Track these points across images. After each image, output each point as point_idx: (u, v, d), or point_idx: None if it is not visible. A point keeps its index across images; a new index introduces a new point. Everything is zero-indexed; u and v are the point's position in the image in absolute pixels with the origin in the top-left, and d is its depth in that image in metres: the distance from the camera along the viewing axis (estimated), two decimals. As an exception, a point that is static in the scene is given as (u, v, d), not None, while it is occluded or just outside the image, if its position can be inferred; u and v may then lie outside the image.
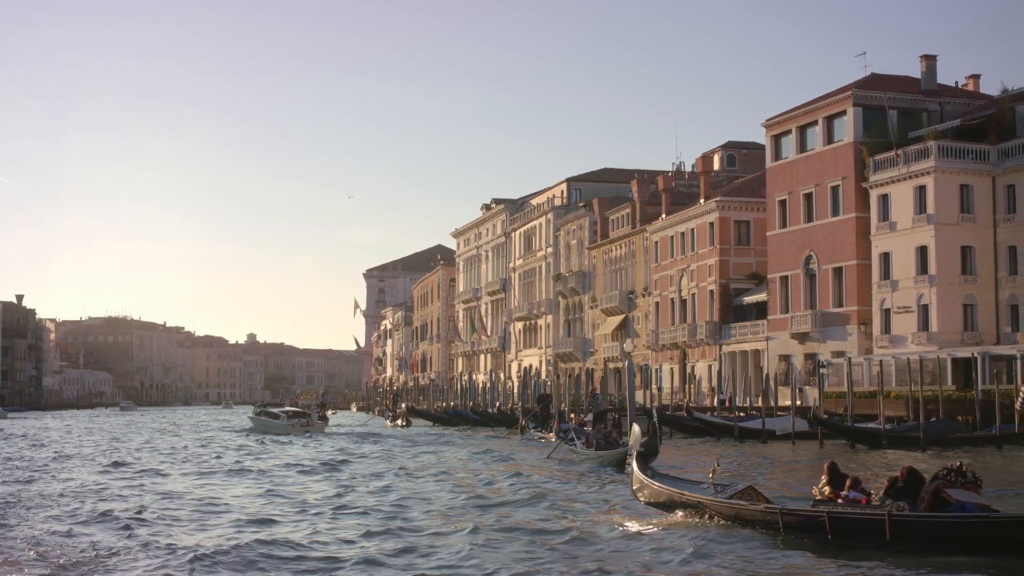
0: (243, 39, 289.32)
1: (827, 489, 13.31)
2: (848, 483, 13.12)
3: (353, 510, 19.89)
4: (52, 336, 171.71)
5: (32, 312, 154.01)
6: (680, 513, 15.16)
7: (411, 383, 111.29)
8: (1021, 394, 12.36)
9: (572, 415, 47.59)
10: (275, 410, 60.45)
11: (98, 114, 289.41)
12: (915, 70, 54.77)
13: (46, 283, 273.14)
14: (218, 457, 36.20)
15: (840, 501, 13.02)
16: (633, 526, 15.78)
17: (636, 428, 18.91)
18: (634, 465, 16.68)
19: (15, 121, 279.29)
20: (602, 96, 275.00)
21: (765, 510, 13.45)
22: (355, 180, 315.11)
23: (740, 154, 79.03)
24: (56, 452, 39.59)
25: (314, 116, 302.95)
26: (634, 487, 16.60)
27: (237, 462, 33.25)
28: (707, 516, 14.65)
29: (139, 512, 19.04)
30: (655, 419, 25.59)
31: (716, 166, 78.19)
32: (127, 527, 16.90)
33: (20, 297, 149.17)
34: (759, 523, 13.55)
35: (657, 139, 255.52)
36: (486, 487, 24.34)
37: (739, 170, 75.88)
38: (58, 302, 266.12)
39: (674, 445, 39.18)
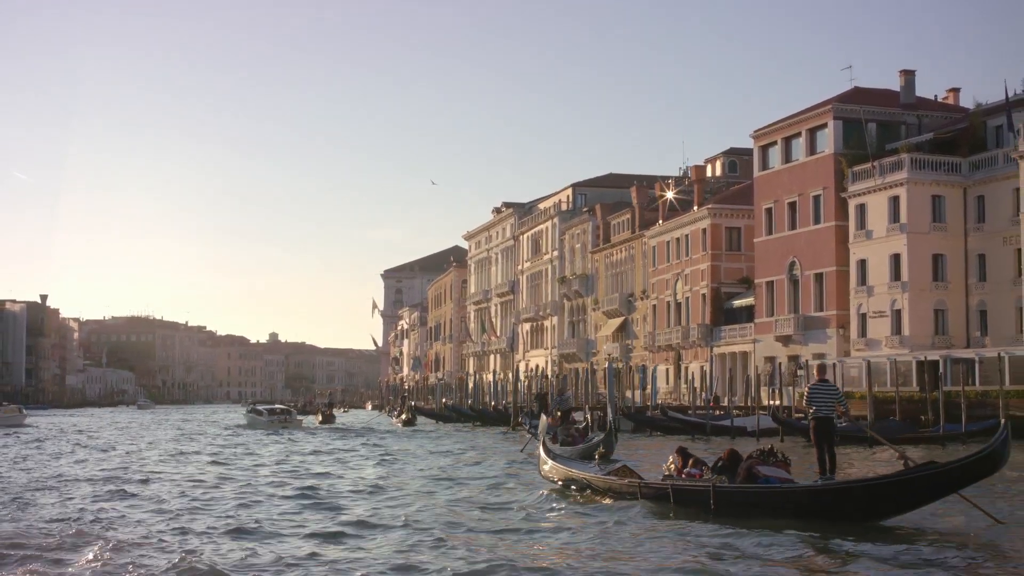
0: (262, 36, 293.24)
1: (672, 467, 15.89)
2: (691, 462, 15.69)
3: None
4: (76, 335, 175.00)
5: (56, 311, 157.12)
6: (572, 486, 17.75)
7: (421, 382, 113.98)
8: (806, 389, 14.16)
9: (559, 413, 49.97)
10: (261, 408, 70.05)
11: (116, 112, 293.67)
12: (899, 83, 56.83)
13: (69, 283, 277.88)
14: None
15: (683, 476, 15.56)
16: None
17: (544, 418, 21.70)
18: (540, 448, 19.44)
19: (25, 120, 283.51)
20: (612, 102, 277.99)
21: (628, 483, 16.05)
22: (373, 181, 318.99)
23: (741, 160, 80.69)
24: None
25: (335, 117, 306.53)
26: (541, 466, 19.27)
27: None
28: (590, 489, 17.19)
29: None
30: (611, 419, 28.09)
31: (718, 172, 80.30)
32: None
33: (44, 297, 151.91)
34: (626, 494, 16.10)
35: (665, 144, 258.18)
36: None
37: (740, 176, 77.61)
38: (81, 302, 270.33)
39: (649, 440, 42.46)
